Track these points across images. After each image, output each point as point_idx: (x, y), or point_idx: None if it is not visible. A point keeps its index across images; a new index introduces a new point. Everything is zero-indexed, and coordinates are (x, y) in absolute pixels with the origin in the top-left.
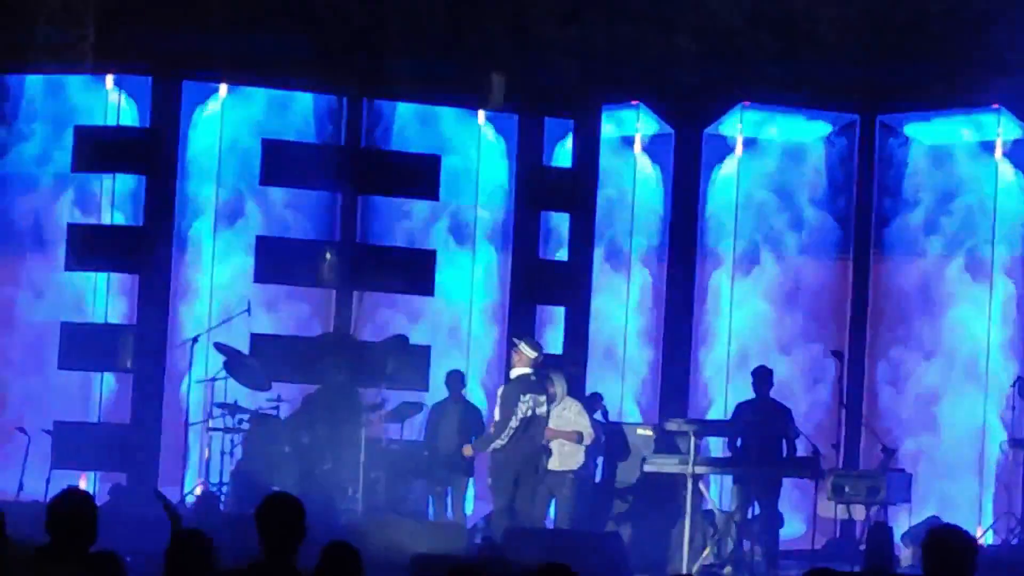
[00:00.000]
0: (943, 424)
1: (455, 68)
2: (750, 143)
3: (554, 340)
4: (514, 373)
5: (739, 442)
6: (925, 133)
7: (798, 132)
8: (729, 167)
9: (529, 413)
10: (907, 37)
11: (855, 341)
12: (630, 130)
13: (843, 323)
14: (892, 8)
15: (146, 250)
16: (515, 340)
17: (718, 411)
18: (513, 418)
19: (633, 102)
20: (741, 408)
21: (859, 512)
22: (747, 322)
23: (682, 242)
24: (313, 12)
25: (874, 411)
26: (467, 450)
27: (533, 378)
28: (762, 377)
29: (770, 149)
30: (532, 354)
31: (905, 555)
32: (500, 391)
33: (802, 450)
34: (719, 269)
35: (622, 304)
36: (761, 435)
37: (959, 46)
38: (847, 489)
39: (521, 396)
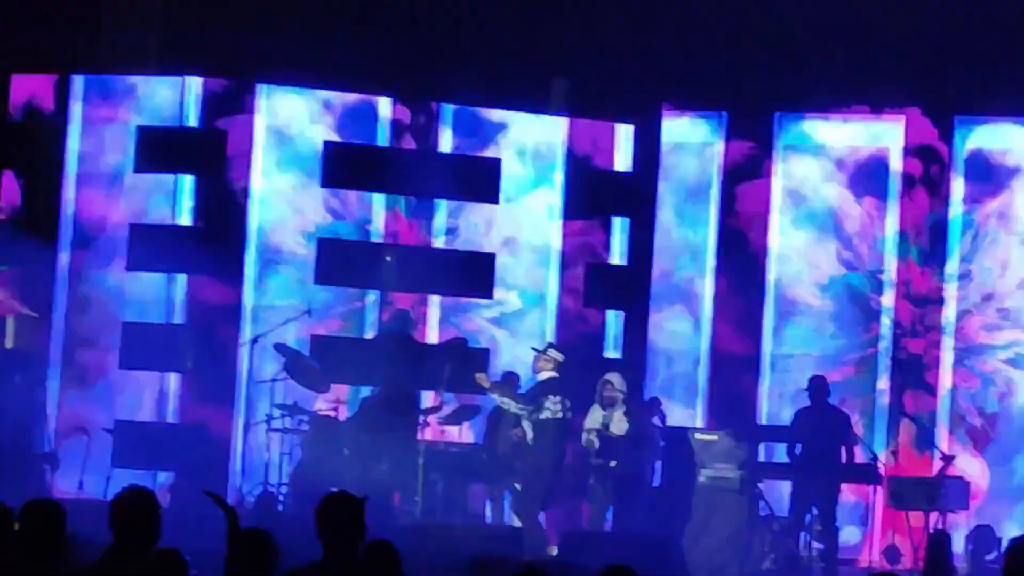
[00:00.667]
0: None
1: (522, 72)
2: (816, 149)
3: (613, 345)
4: (542, 377)
5: (798, 448)
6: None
7: (866, 140)
8: (796, 174)
9: (559, 415)
10: (977, 45)
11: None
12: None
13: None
14: (962, 16)
15: (208, 251)
16: (536, 348)
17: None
18: (538, 408)
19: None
20: (800, 415)
21: (917, 519)
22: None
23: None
24: (382, 15)
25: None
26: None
27: (558, 382)
28: (819, 385)
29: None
30: (560, 358)
31: (963, 565)
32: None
33: (861, 456)
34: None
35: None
36: (820, 441)
37: None
38: (905, 496)
39: (551, 396)
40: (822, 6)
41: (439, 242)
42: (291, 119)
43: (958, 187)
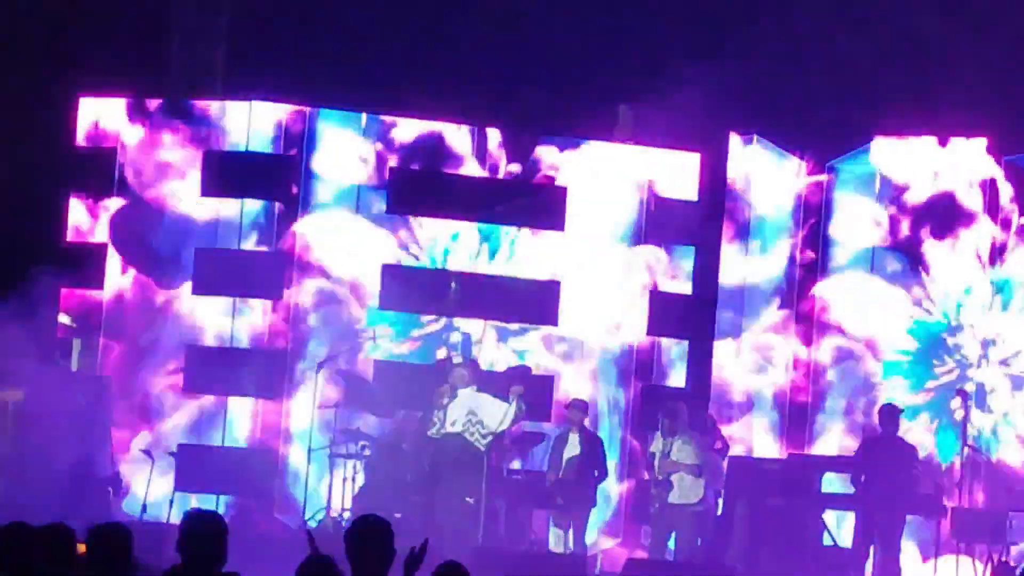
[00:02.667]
0: None
1: (588, 101)
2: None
3: (677, 374)
4: None
5: (863, 478)
6: None
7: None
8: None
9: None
10: None
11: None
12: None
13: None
14: None
15: (275, 275)
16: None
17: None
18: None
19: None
20: (867, 444)
21: (980, 553)
22: None
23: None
24: (452, 44)
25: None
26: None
27: None
28: (890, 415)
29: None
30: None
31: None
32: None
33: (926, 489)
34: None
35: None
36: (886, 472)
37: None
38: (969, 529)
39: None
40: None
41: (504, 269)
42: (355, 144)
43: None
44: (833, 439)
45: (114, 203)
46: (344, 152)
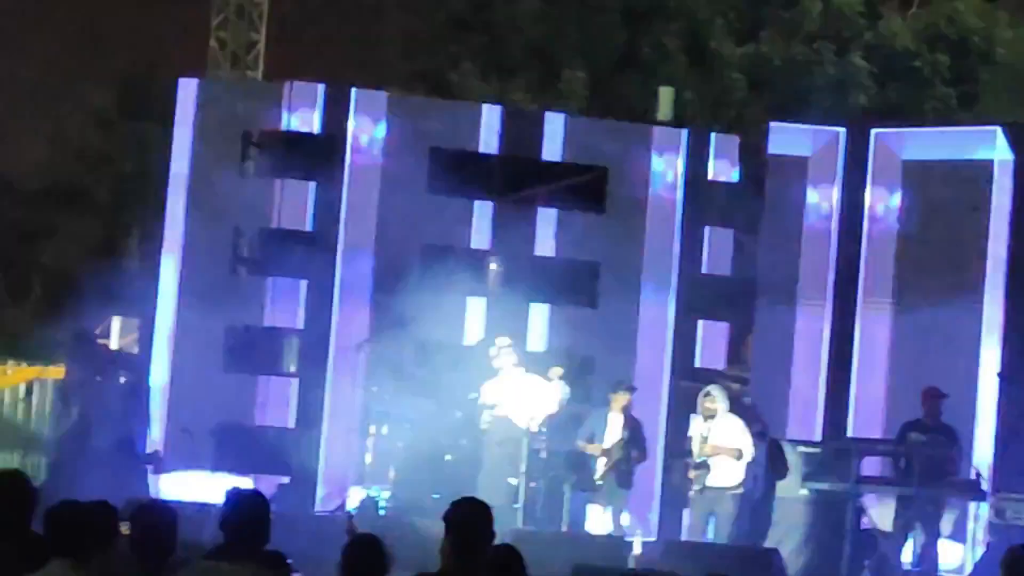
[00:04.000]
0: None
1: (629, 83)
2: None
3: (716, 356)
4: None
5: (903, 462)
6: None
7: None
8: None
9: None
10: None
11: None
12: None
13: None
14: None
15: (314, 255)
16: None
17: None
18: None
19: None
20: (907, 428)
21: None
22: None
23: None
24: (489, 24)
25: None
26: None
27: None
28: (932, 397)
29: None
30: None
31: None
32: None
33: (967, 473)
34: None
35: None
36: (926, 456)
37: None
38: (1009, 513)
39: None
40: None
41: (544, 250)
42: (393, 125)
43: None
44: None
45: None
46: (380, 131)
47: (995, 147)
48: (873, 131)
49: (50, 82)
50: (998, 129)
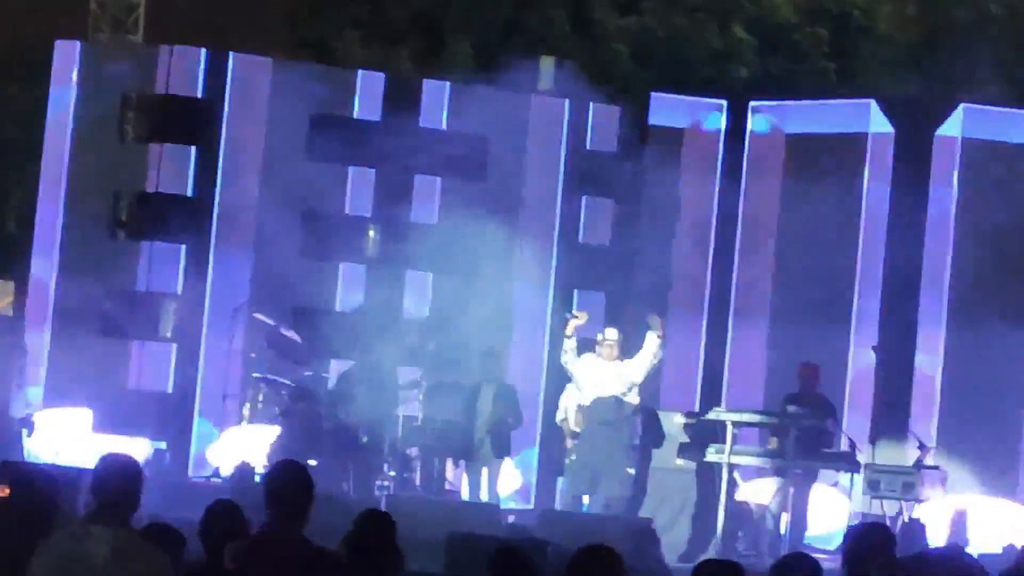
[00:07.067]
0: None
1: (513, 52)
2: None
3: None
4: None
5: (779, 434)
6: None
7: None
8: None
9: None
10: None
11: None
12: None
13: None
14: None
15: (193, 220)
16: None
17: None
18: None
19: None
20: (786, 400)
21: (892, 508)
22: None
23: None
24: None
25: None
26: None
27: None
28: (808, 372)
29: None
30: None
31: None
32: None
33: (841, 445)
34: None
35: None
36: (802, 428)
37: None
38: (882, 484)
39: None
40: None
41: (423, 217)
42: (275, 91)
43: None
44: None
45: None
46: (261, 97)
47: (870, 120)
48: (751, 104)
49: None
50: (872, 102)
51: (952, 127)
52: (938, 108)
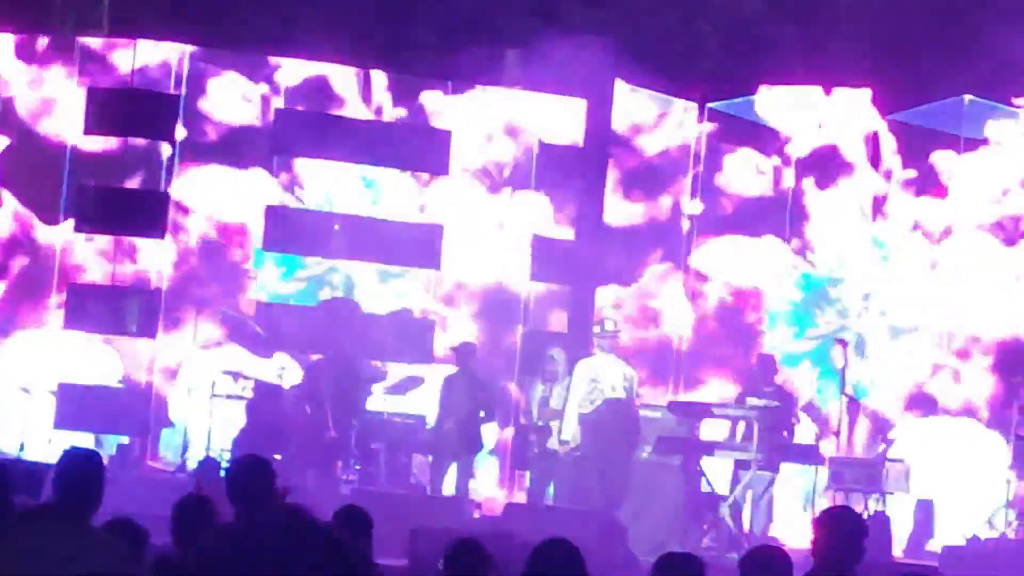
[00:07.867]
0: None
1: (476, 45)
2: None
3: (559, 319)
4: None
5: (742, 426)
6: None
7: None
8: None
9: None
10: None
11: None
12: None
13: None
14: None
15: (157, 214)
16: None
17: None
18: None
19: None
20: (746, 392)
21: (856, 501)
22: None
23: None
24: None
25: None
26: None
27: None
28: (767, 364)
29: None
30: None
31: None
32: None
33: (804, 437)
34: None
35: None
36: (765, 420)
37: None
38: (846, 477)
39: None
40: None
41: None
42: (237, 85)
43: None
44: (714, 388)
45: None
46: (229, 93)
47: None
48: None
49: None
50: None
51: None
52: None
